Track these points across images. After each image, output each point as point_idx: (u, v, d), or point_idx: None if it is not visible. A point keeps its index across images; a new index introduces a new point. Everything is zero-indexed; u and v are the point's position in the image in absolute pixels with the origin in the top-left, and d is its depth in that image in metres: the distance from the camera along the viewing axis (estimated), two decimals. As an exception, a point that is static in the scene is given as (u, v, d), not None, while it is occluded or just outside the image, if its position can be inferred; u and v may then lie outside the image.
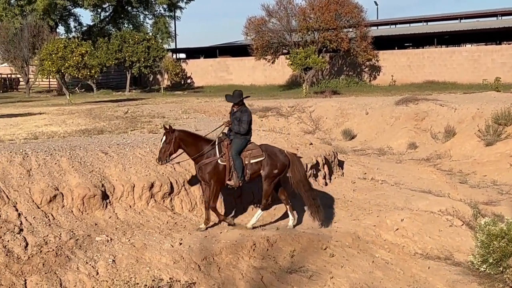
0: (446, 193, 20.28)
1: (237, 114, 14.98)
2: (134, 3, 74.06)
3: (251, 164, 14.82)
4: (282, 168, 15.08)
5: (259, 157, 14.90)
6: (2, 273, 11.72)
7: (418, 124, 32.85)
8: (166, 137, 14.14)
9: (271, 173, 14.93)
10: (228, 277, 12.80)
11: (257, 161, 14.88)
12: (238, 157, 14.68)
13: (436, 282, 13.41)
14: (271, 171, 14.92)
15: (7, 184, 13.88)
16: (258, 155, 14.90)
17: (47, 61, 43.72)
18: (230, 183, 14.80)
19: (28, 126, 24.88)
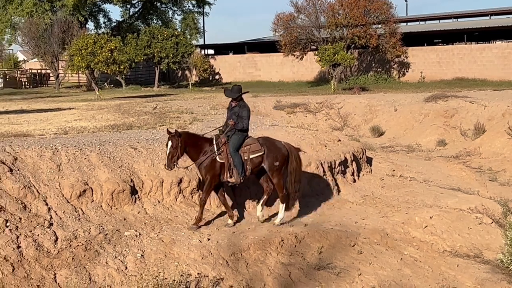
0: (475, 190, 20.14)
1: (235, 109, 14.74)
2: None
3: (250, 159, 14.63)
4: (282, 159, 14.97)
5: (258, 152, 14.73)
6: (32, 266, 11.83)
7: (447, 121, 32.64)
8: (172, 141, 13.78)
9: (273, 165, 14.81)
10: (256, 273, 12.82)
11: (257, 155, 14.72)
12: (236, 154, 14.45)
13: (465, 280, 13.32)
14: (272, 164, 14.80)
15: (37, 179, 13.99)
16: (257, 150, 14.73)
17: (77, 57, 43.96)
18: (231, 180, 14.53)
19: (58, 121, 25.05)
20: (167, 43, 57.93)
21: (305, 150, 19.02)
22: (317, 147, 19.60)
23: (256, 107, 37.20)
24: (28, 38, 61.40)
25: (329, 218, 16.23)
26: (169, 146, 13.76)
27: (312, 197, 17.67)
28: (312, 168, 18.16)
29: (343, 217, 16.37)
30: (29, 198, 13.39)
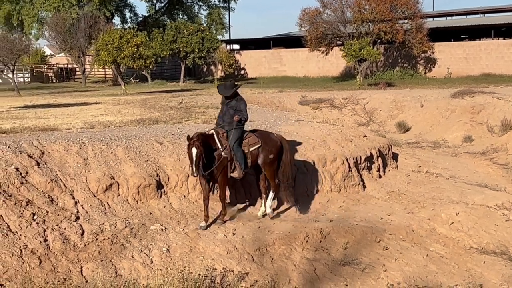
0: (502, 187, 20.00)
1: (232, 103, 14.54)
2: (189, -6, 74.61)
3: (250, 152, 14.53)
4: (276, 152, 14.88)
5: (256, 144, 14.63)
6: (59, 260, 11.92)
7: (474, 117, 32.42)
8: (197, 147, 13.19)
9: (268, 158, 14.72)
10: (281, 268, 12.83)
11: (255, 148, 14.62)
12: (239, 148, 14.25)
13: (492, 277, 13.25)
14: (267, 157, 14.71)
15: (64, 173, 14.09)
16: (255, 143, 14.63)
17: (103, 52, 44.19)
18: (233, 175, 14.34)
19: (84, 115, 25.22)
20: (192, 38, 58.01)
21: (331, 146, 19.01)
22: (343, 142, 19.56)
23: (282, 102, 37.22)
24: (55, 32, 61.78)
25: (354, 213, 16.19)
26: (194, 152, 13.20)
27: (337, 193, 17.64)
28: (337, 163, 18.12)
29: (368, 213, 16.33)
30: (56, 192, 13.49)
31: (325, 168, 17.95)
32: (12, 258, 11.50)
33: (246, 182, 15.74)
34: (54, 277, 11.28)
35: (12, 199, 12.71)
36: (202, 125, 20.89)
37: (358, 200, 17.55)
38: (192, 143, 13.21)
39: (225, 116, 14.46)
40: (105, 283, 9.94)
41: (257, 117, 24.40)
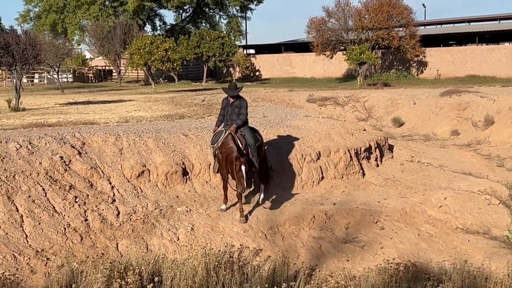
0: (485, 175, 19.92)
1: (236, 103, 13.86)
2: (211, 5, 74.27)
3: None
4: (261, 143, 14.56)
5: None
6: (97, 237, 11.98)
7: (460, 113, 32.32)
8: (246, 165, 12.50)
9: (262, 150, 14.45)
10: (291, 245, 12.84)
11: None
12: (255, 146, 13.79)
13: (475, 253, 13.22)
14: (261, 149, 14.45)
15: (102, 161, 14.14)
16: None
17: (136, 55, 44.38)
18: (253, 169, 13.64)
19: (119, 111, 25.27)
20: (214, 43, 58.01)
21: (334, 138, 18.97)
22: (345, 135, 19.51)
23: (292, 100, 37.17)
24: (94, 39, 62.23)
25: (355, 198, 16.16)
26: (244, 170, 12.42)
27: (340, 179, 17.61)
28: (340, 154, 18.08)
29: (367, 197, 16.30)
30: (95, 178, 13.55)
31: (330, 157, 17.92)
32: (57, 235, 11.57)
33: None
34: (93, 252, 11.33)
35: (57, 184, 12.78)
36: (222, 120, 20.87)
37: (358, 186, 17.51)
38: (243, 162, 12.45)
39: (232, 115, 13.79)
40: (137, 258, 9.96)
41: (270, 113, 24.36)
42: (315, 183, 16.89)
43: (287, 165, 16.67)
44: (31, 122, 19.56)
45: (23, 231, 11.41)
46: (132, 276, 8.32)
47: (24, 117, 21.87)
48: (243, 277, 9.51)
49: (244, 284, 8.90)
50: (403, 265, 10.42)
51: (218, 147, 13.45)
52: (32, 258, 10.75)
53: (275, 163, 16.47)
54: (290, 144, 17.66)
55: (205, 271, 9.15)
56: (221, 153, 13.34)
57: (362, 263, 12.22)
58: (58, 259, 10.76)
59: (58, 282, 8.76)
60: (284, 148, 17.32)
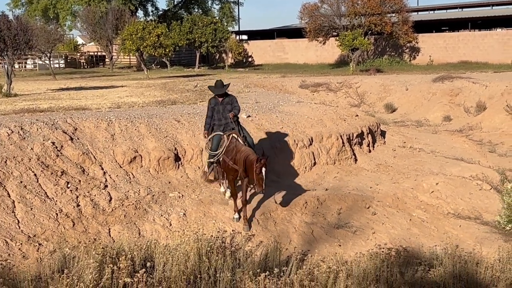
0: (476, 160, 19.98)
1: (226, 100, 13.22)
2: (203, -10, 74.24)
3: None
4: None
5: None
6: (89, 222, 11.98)
7: (452, 99, 32.36)
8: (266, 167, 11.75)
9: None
10: (283, 230, 12.87)
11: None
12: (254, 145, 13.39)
13: (466, 238, 13.28)
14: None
15: (94, 146, 14.12)
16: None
17: (128, 41, 44.21)
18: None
19: (111, 97, 25.19)
20: (206, 29, 57.76)
21: (327, 124, 18.99)
22: (337, 121, 19.52)
23: (284, 86, 37.14)
24: (86, 24, 61.88)
25: (347, 183, 16.20)
26: (264, 172, 11.73)
27: (332, 165, 17.64)
28: (332, 139, 18.11)
29: (359, 183, 16.34)
30: (87, 163, 13.53)
31: (322, 143, 17.94)
32: (49, 221, 11.55)
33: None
34: (86, 238, 11.33)
35: (49, 169, 12.75)
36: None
37: (351, 172, 17.55)
38: (264, 163, 11.66)
39: (225, 113, 13.09)
40: (130, 243, 9.96)
41: (263, 99, 24.34)
42: (307, 168, 16.92)
43: (279, 151, 16.67)
44: (22, 107, 19.47)
45: (15, 216, 11.39)
46: (124, 261, 8.32)
47: (16, 103, 21.77)
48: (235, 262, 9.53)
49: (236, 269, 8.91)
50: (395, 250, 10.47)
51: (224, 153, 12.74)
52: (24, 243, 10.74)
53: (267, 149, 16.45)
54: (283, 130, 17.65)
55: (197, 257, 9.16)
56: (232, 159, 12.52)
57: (354, 248, 12.26)
58: (50, 244, 10.76)
59: (50, 268, 8.75)
60: (276, 134, 17.32)
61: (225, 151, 12.75)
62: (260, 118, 18.04)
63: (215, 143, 13.02)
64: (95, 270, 8.06)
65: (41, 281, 8.08)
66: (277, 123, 18.02)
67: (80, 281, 7.60)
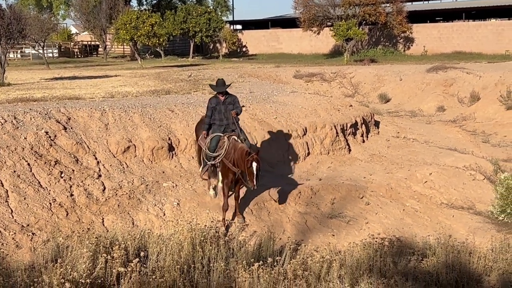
0: (470, 150, 20.03)
1: (228, 100, 12.68)
2: (197, -20, 73.93)
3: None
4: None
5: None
6: (83, 212, 11.98)
7: (446, 89, 32.42)
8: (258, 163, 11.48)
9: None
10: (277, 220, 12.88)
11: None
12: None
13: (459, 228, 13.33)
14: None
15: (87, 136, 14.08)
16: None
17: (122, 30, 44.16)
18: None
19: (105, 86, 25.13)
20: (200, 19, 57.63)
21: (321, 114, 18.99)
22: (331, 111, 19.53)
23: (278, 76, 37.11)
24: (80, 13, 61.98)
25: (340, 173, 16.22)
26: (255, 166, 11.42)
27: (326, 155, 17.65)
28: (326, 130, 18.11)
29: (353, 173, 16.36)
30: (80, 153, 13.50)
31: (316, 133, 17.94)
32: (42, 210, 11.55)
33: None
34: (79, 227, 11.33)
35: (42, 159, 12.72)
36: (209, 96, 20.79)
37: (344, 162, 17.57)
38: (255, 159, 11.43)
39: (227, 113, 12.58)
40: (123, 233, 9.95)
41: (257, 88, 24.33)
42: (301, 158, 16.93)
43: (273, 141, 16.67)
44: (16, 97, 19.41)
45: (8, 206, 11.37)
46: (118, 251, 8.32)
47: (9, 92, 21.70)
48: (229, 252, 9.55)
49: (230, 259, 8.92)
50: (388, 240, 10.49)
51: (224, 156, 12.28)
52: (17, 233, 10.73)
53: (261, 139, 16.46)
54: (277, 120, 17.64)
55: (191, 246, 9.17)
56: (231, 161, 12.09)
57: (347, 238, 12.29)
58: (43, 234, 10.76)
59: (44, 257, 8.75)
60: (270, 124, 17.31)
61: (226, 155, 12.30)
62: (254, 108, 18.02)
63: (214, 144, 12.56)
64: (88, 259, 8.06)
65: (35, 271, 8.07)
66: (271, 113, 18.01)
67: (73, 271, 7.60)
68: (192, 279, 8.03)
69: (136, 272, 7.72)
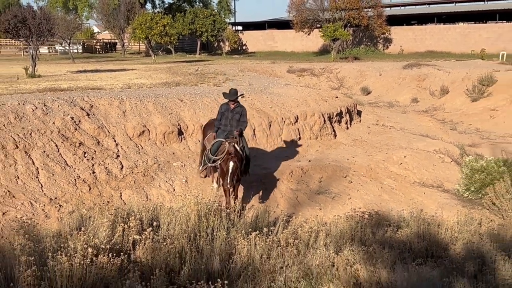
0: (439, 137, 20.03)
1: (237, 110, 11.87)
2: (204, -14, 73.56)
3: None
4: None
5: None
6: (103, 187, 11.97)
7: (419, 84, 32.38)
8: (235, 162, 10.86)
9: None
10: (271, 196, 12.89)
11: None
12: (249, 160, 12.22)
13: (430, 204, 13.35)
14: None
15: (108, 121, 14.06)
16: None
17: (138, 30, 44.02)
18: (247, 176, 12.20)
19: (123, 78, 25.03)
20: (206, 20, 57.37)
21: (310, 104, 18.95)
22: (320, 102, 19.49)
23: (274, 70, 36.99)
24: (101, 15, 61.74)
25: (327, 156, 16.21)
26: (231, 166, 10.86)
27: (315, 140, 17.64)
28: (315, 118, 18.09)
29: (338, 155, 16.35)
30: (101, 136, 13.48)
31: (306, 121, 17.92)
32: (68, 185, 11.54)
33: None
34: (100, 200, 11.33)
35: (68, 141, 12.71)
36: (213, 87, 20.78)
37: (330, 146, 17.56)
38: (232, 158, 10.86)
39: (232, 121, 11.84)
40: (138, 205, 9.95)
41: (255, 81, 24.27)
42: (293, 143, 16.91)
43: (269, 127, 16.65)
44: (45, 87, 19.33)
45: (39, 181, 11.38)
46: (134, 221, 8.34)
47: (39, 83, 21.61)
48: (230, 222, 9.54)
49: (231, 229, 8.94)
50: (368, 213, 10.50)
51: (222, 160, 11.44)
52: (46, 205, 10.74)
53: (258, 125, 16.45)
54: (272, 108, 17.62)
55: (197, 217, 9.17)
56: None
57: (332, 211, 12.30)
58: (69, 206, 10.76)
59: (69, 226, 8.76)
60: (267, 112, 17.28)
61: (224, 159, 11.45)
62: (252, 99, 17.98)
63: (215, 148, 11.79)
64: (108, 228, 8.07)
65: (61, 237, 8.08)
66: (268, 103, 17.97)
67: (95, 238, 7.61)
68: (198, 245, 8.04)
69: (149, 239, 7.72)
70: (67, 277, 6.33)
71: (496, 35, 52.29)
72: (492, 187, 12.54)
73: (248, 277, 7.31)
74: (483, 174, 13.89)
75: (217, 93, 17.94)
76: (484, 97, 26.81)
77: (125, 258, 7.22)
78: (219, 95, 17.23)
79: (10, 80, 22.92)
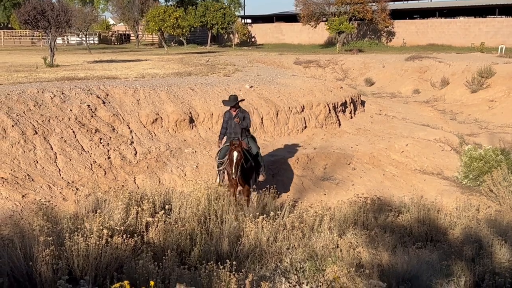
0: (440, 126, 19.94)
1: (239, 115, 11.11)
2: (215, -19, 73.21)
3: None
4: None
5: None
6: (118, 172, 12.00)
7: (421, 75, 32.18)
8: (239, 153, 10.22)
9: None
10: (278, 181, 12.90)
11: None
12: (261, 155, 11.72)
13: (430, 190, 13.32)
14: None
15: (122, 109, 14.08)
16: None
17: (152, 22, 43.91)
18: (260, 179, 11.44)
19: (137, 68, 25.03)
20: (217, 13, 57.17)
21: (316, 94, 18.89)
22: (325, 92, 19.43)
23: (281, 62, 36.88)
24: (116, 7, 61.57)
25: (332, 144, 16.19)
26: (235, 156, 10.17)
27: (320, 128, 17.61)
28: (321, 107, 18.04)
29: (342, 143, 16.33)
30: (116, 123, 13.50)
31: (312, 110, 17.88)
32: (85, 170, 11.58)
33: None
34: (115, 184, 11.37)
35: (85, 128, 12.74)
36: (223, 78, 20.74)
37: (335, 134, 17.52)
38: (235, 148, 10.29)
39: (236, 128, 11.21)
40: (151, 189, 10.00)
41: (263, 72, 24.22)
42: (299, 131, 16.90)
43: (276, 116, 16.63)
44: (63, 76, 19.37)
45: (57, 166, 11.42)
46: (147, 204, 8.38)
47: (58, 72, 21.64)
48: (238, 206, 9.57)
49: (239, 213, 8.96)
50: (370, 199, 10.52)
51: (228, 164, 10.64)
52: (64, 188, 10.79)
53: (266, 114, 16.43)
54: (279, 98, 17.59)
55: (207, 201, 9.20)
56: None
57: (336, 197, 12.31)
58: (85, 189, 10.81)
59: (86, 208, 8.82)
60: (274, 102, 17.25)
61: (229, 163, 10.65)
62: (260, 89, 17.95)
63: (222, 153, 11.11)
64: (122, 210, 8.11)
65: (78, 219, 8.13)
66: (275, 93, 17.93)
67: (110, 220, 7.65)
68: (208, 228, 8.07)
69: (161, 221, 7.76)
70: (83, 257, 6.38)
71: (496, 29, 51.86)
72: (490, 174, 12.51)
73: (255, 258, 7.34)
74: (481, 162, 13.83)
75: (227, 83, 17.93)
76: (483, 89, 26.65)
77: (138, 239, 7.26)
78: (229, 85, 17.28)
79: (29, 69, 22.96)
